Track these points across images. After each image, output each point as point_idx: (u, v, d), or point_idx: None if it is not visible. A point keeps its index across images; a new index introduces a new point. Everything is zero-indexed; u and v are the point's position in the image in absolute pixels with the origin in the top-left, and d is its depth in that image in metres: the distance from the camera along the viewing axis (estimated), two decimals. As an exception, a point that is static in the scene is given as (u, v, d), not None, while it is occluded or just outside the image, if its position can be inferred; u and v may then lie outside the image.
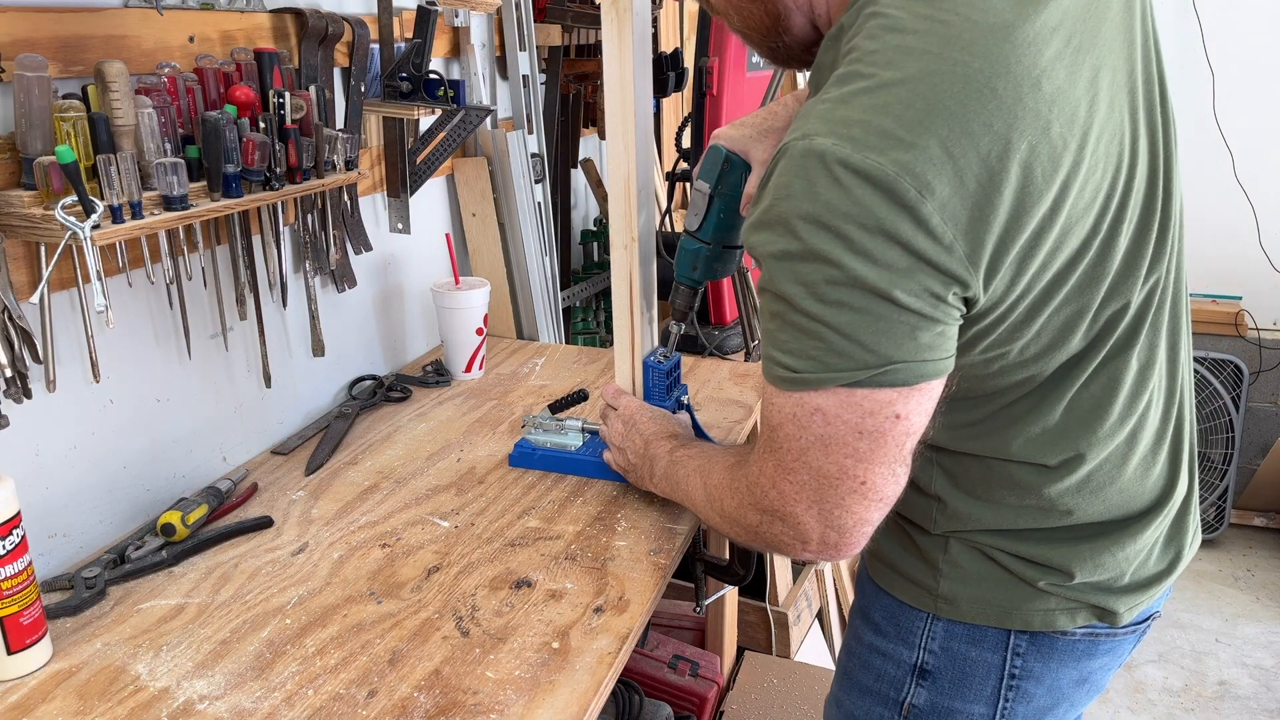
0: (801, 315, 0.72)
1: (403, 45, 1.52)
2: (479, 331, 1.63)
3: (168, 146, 1.09)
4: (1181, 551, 0.95)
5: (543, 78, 2.03)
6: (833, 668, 2.09)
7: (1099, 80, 0.74)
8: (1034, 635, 0.91)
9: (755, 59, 2.14)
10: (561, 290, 2.07)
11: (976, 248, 0.69)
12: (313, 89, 1.28)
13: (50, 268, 1.00)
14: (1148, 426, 0.88)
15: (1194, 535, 0.97)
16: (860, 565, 1.07)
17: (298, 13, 1.34)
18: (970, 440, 0.87)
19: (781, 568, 2.10)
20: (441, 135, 1.61)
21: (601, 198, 2.32)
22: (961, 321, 0.74)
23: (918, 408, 0.74)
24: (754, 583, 2.04)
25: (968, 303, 0.73)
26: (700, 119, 2.06)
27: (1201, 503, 3.14)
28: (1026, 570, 0.89)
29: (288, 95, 1.21)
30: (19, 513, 0.90)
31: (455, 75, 1.80)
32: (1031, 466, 0.86)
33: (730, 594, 1.85)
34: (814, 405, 0.74)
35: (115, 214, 1.01)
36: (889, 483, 0.77)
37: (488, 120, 1.76)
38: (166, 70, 1.12)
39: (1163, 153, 0.83)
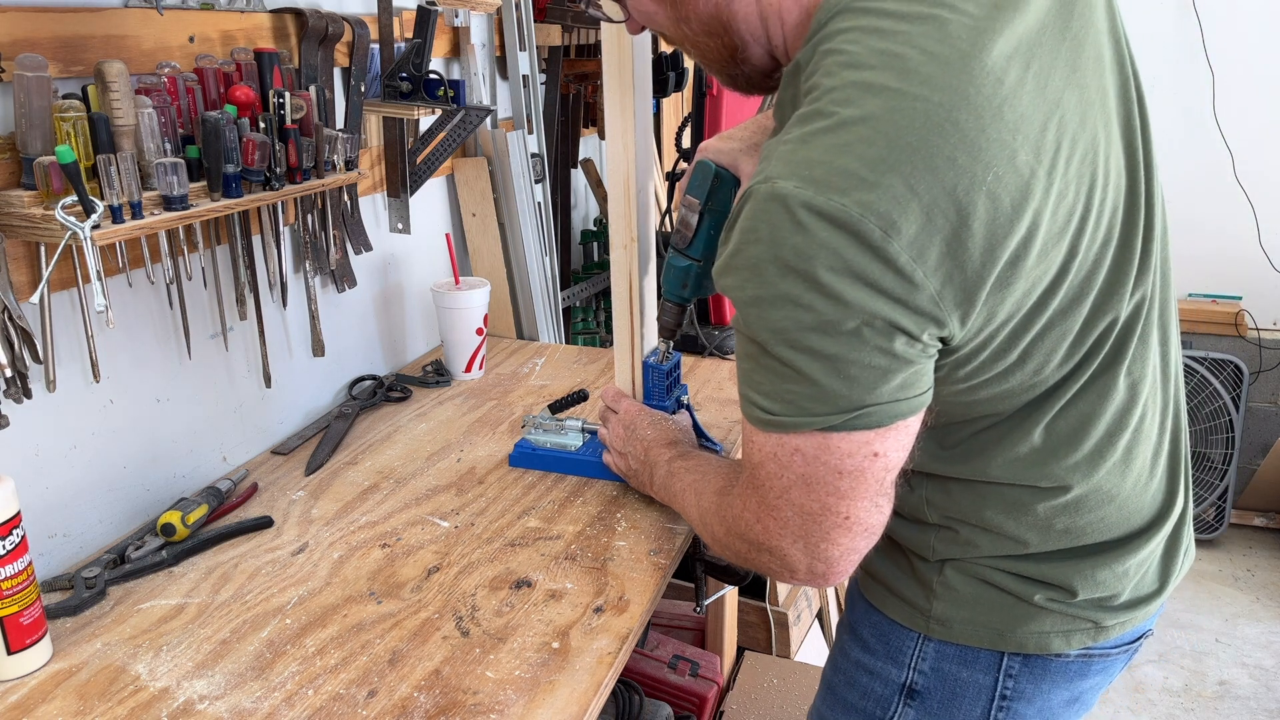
0: (774, 360, 0.71)
1: (403, 45, 1.52)
2: (479, 331, 1.63)
3: (168, 146, 1.09)
4: (1177, 566, 0.93)
5: (543, 78, 2.03)
6: (833, 668, 2.09)
7: (1063, 101, 0.73)
8: (1027, 657, 0.90)
9: (755, 59, 2.14)
10: (561, 290, 2.07)
11: (948, 284, 0.68)
12: (313, 89, 1.28)
13: (50, 268, 1.00)
14: (1143, 441, 0.87)
15: (1188, 548, 0.95)
16: (851, 581, 1.06)
17: (298, 13, 1.34)
18: (955, 464, 0.86)
19: (781, 568, 2.10)
20: (441, 135, 1.61)
21: (601, 198, 2.32)
22: (937, 356, 0.74)
23: (895, 444, 0.74)
24: (754, 583, 2.03)
25: (944, 340, 0.72)
26: (700, 119, 2.06)
27: (1201, 503, 3.14)
28: (1024, 588, 0.87)
29: (288, 95, 1.21)
30: (19, 513, 0.90)
31: (455, 75, 1.80)
32: (1023, 488, 0.85)
33: (730, 594, 1.85)
34: (793, 446, 0.74)
35: (115, 214, 1.01)
36: (872, 514, 0.77)
37: (488, 120, 1.76)
38: (166, 70, 1.12)
39: (1142, 161, 0.81)
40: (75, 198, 0.96)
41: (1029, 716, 0.92)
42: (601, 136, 2.26)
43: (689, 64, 2.06)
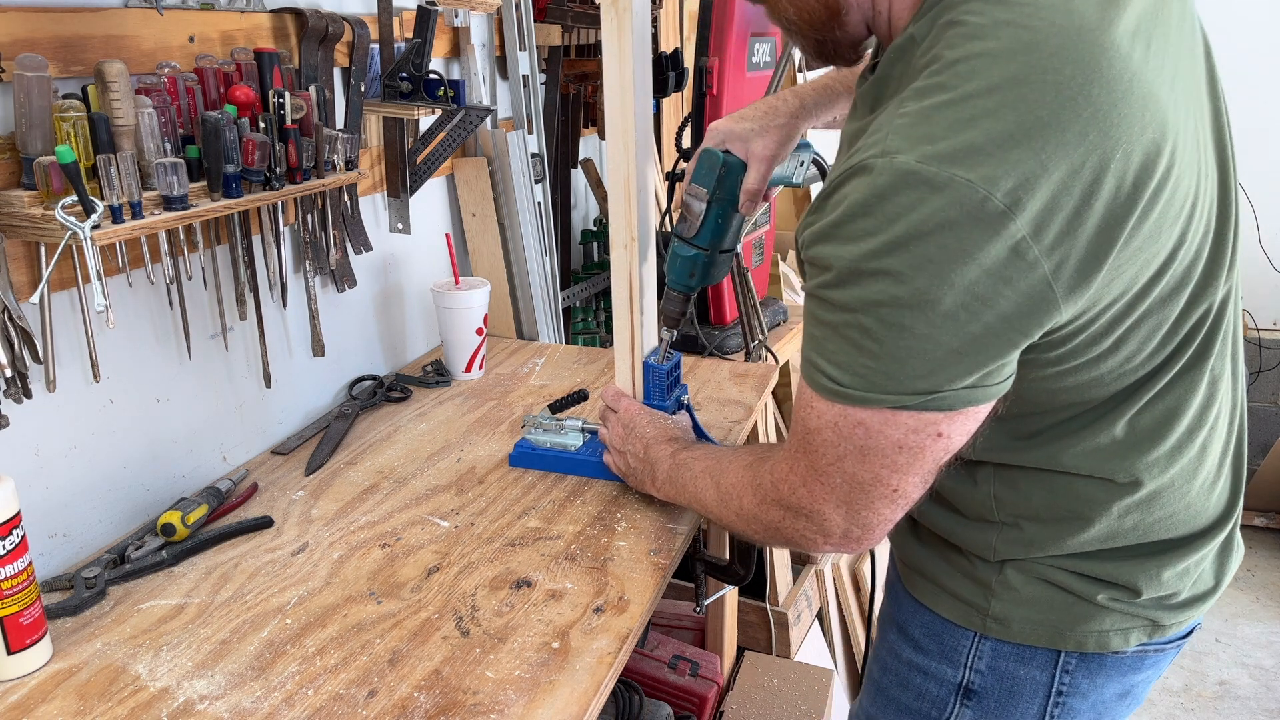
0: (857, 331, 0.70)
1: (403, 45, 1.52)
2: (479, 331, 1.63)
3: (168, 146, 1.09)
4: (1231, 563, 0.93)
5: (543, 78, 2.02)
6: (833, 668, 2.09)
7: (1176, 84, 0.71)
8: (1085, 653, 0.89)
9: (755, 59, 2.14)
10: (561, 290, 2.07)
11: (1064, 264, 0.66)
12: (313, 89, 1.28)
13: (50, 268, 1.00)
14: (1216, 440, 0.86)
15: (1238, 545, 0.94)
16: (892, 574, 1.05)
17: (298, 13, 1.34)
18: (1029, 452, 0.84)
19: (781, 568, 2.10)
20: (441, 135, 1.61)
21: (601, 198, 2.32)
22: (1025, 346, 0.72)
23: (961, 428, 0.73)
24: (754, 583, 2.04)
25: (1047, 331, 0.70)
26: (700, 119, 2.06)
27: (1201, 503, 3.14)
28: (1087, 587, 0.87)
29: (288, 95, 1.21)
30: (19, 513, 0.90)
31: (455, 75, 1.80)
32: (1098, 481, 0.83)
33: (730, 594, 1.85)
34: (857, 419, 0.73)
35: (115, 214, 1.01)
36: (918, 489, 0.77)
37: (488, 120, 1.76)
38: (166, 70, 1.12)
39: (1230, 155, 0.81)
40: (75, 198, 0.96)
41: (1083, 711, 0.92)
42: (601, 136, 2.26)
43: (689, 64, 2.07)
